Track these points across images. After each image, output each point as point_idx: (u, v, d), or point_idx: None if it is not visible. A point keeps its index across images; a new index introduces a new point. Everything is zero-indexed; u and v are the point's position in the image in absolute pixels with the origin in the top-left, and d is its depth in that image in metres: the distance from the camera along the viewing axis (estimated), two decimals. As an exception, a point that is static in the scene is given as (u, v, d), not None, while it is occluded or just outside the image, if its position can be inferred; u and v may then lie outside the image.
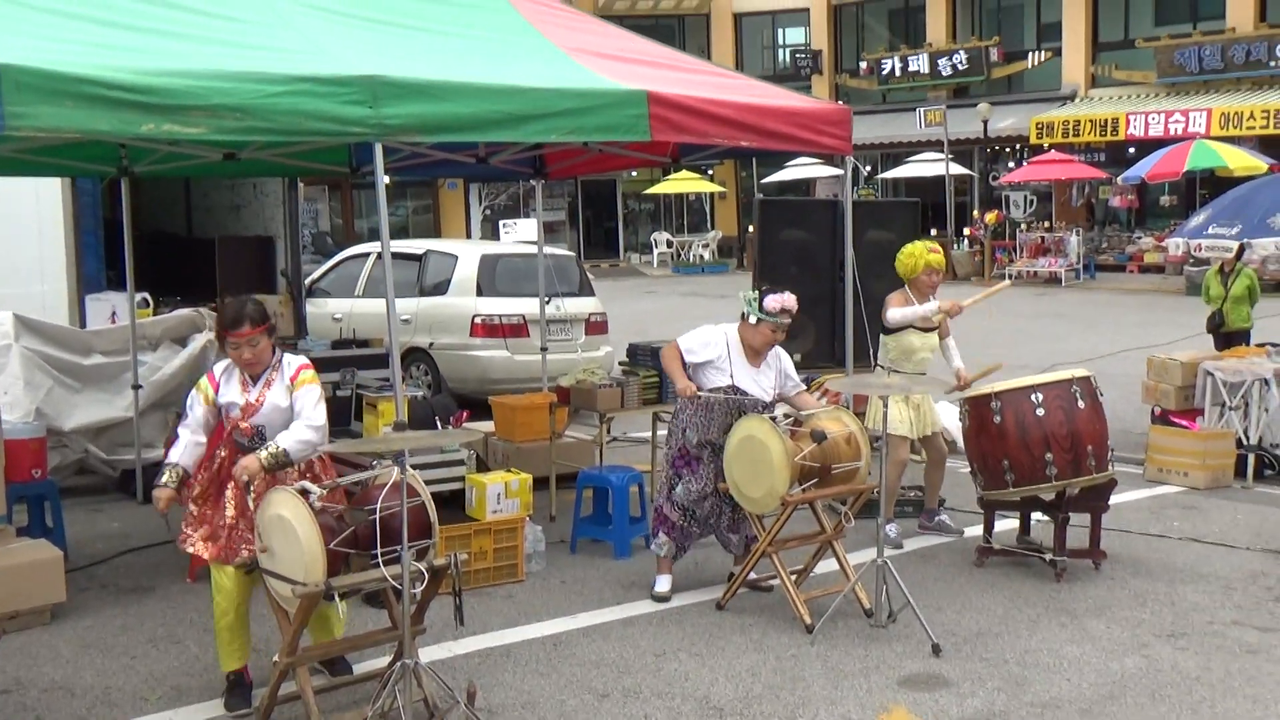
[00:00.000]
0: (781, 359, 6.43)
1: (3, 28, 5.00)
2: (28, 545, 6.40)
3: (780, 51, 38.92)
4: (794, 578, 6.16)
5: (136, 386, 8.72)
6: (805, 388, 6.57)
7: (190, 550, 5.11)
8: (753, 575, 6.40)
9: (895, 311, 7.23)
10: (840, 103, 9.71)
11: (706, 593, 6.49)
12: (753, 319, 6.21)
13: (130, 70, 4.91)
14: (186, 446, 5.11)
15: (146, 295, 10.08)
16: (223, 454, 5.11)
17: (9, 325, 8.77)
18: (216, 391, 5.09)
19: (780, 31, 38.85)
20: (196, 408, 5.12)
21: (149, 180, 9.75)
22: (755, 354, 6.30)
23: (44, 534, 7.08)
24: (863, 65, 35.03)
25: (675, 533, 6.41)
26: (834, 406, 6.55)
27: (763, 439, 5.94)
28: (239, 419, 5.04)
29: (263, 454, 4.87)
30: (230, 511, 5.03)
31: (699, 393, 6.17)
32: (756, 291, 6.25)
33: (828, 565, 6.45)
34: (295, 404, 5.01)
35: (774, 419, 6.07)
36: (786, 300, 6.18)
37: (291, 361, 5.15)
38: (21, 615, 5.96)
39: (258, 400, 5.04)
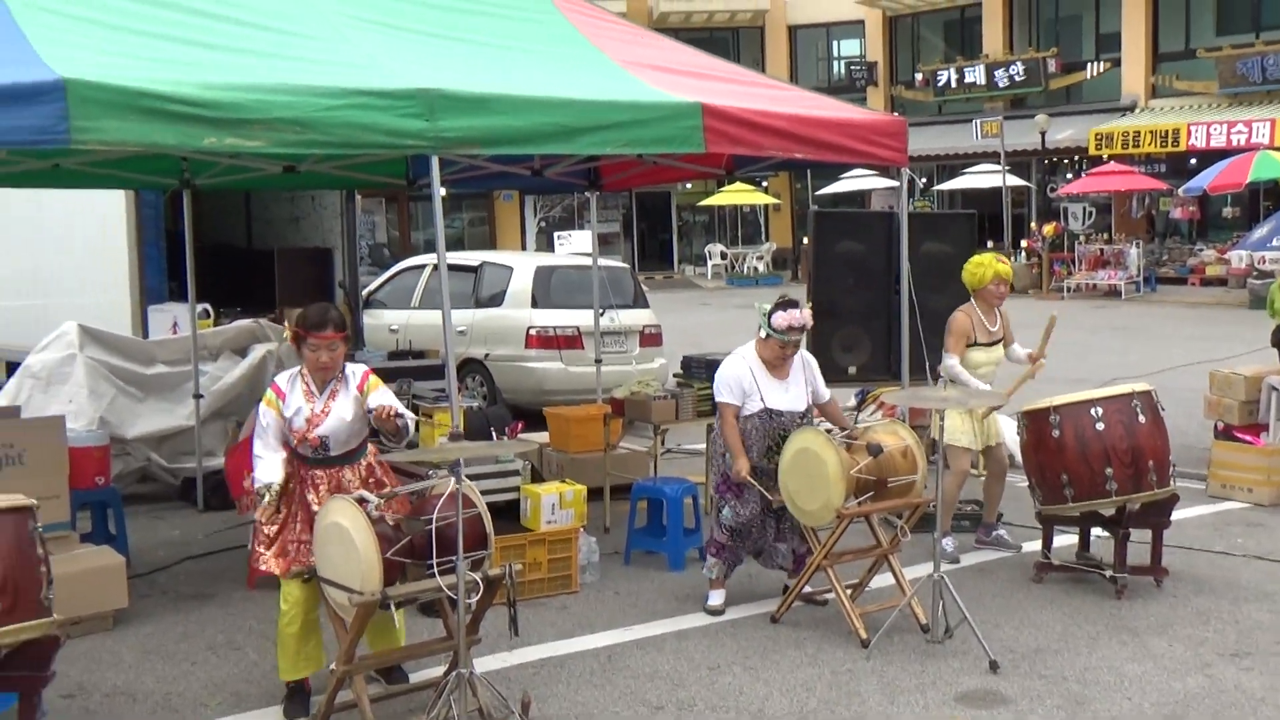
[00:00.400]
0: (809, 366, 6.39)
1: (69, 43, 5.10)
2: (91, 552, 6.50)
3: (835, 63, 38.86)
4: (849, 592, 6.12)
5: (197, 396, 8.85)
6: (830, 398, 6.50)
7: (264, 568, 5.14)
8: (808, 589, 6.37)
9: (952, 363, 7.18)
10: (895, 114, 9.67)
11: (760, 606, 6.47)
12: (763, 334, 6.20)
13: (192, 84, 4.99)
14: (276, 464, 5.11)
15: (207, 306, 10.22)
16: (288, 469, 5.17)
17: (74, 335, 8.94)
18: (283, 401, 5.14)
19: (835, 43, 38.81)
20: (271, 422, 5.13)
21: (210, 193, 9.89)
22: (777, 368, 6.27)
23: (107, 540, 7.20)
24: (918, 77, 34.87)
25: (726, 553, 6.40)
26: (890, 419, 6.51)
27: (818, 452, 5.92)
28: (304, 430, 5.09)
29: (401, 420, 4.98)
30: (298, 526, 5.08)
31: (745, 477, 6.11)
32: (769, 305, 6.22)
33: (883, 580, 6.41)
34: (371, 402, 5.05)
35: (829, 431, 6.05)
36: (795, 318, 6.10)
37: (355, 371, 5.20)
38: (85, 621, 6.04)
39: (323, 410, 5.09)
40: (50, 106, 4.61)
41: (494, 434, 7.28)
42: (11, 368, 10.15)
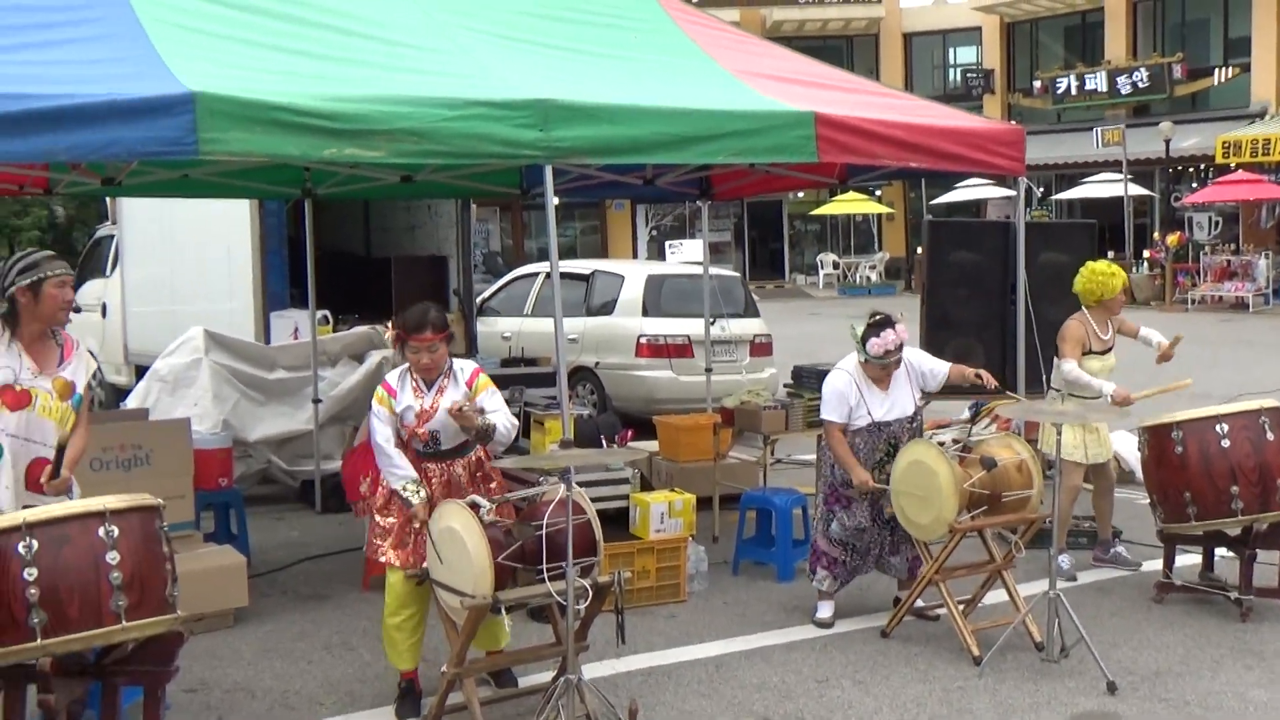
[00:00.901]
0: (909, 363, 6.27)
1: (197, 57, 5.26)
2: (214, 551, 6.69)
3: (951, 71, 38.33)
4: (961, 607, 6.02)
5: (316, 400, 9.04)
6: (946, 368, 6.32)
7: (382, 560, 5.20)
8: (919, 603, 6.28)
9: (1070, 366, 7.03)
10: (1013, 122, 9.49)
11: (870, 619, 6.40)
12: (861, 358, 6.13)
13: (315, 96, 5.11)
14: (403, 458, 5.16)
15: (327, 312, 10.43)
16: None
17: (200, 340, 9.21)
18: (395, 398, 5.22)
19: (951, 51, 38.28)
20: (385, 418, 5.18)
21: (331, 202, 10.11)
22: (881, 381, 6.20)
23: (229, 540, 7.39)
24: (1037, 84, 34.20)
25: (837, 567, 6.34)
26: (1005, 433, 6.39)
27: (931, 464, 5.83)
28: (414, 426, 5.17)
29: (479, 418, 4.98)
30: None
31: (876, 485, 6.06)
32: (862, 328, 6.13)
33: (997, 596, 6.29)
34: (487, 404, 5.12)
35: (942, 444, 5.96)
36: (890, 341, 6.01)
37: (464, 367, 5.27)
38: (207, 618, 6.21)
39: (431, 406, 5.16)
40: (180, 119, 4.75)
41: (604, 442, 7.31)
42: (141, 371, 10.50)
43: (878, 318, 6.16)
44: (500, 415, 5.13)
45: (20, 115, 4.58)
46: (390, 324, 9.56)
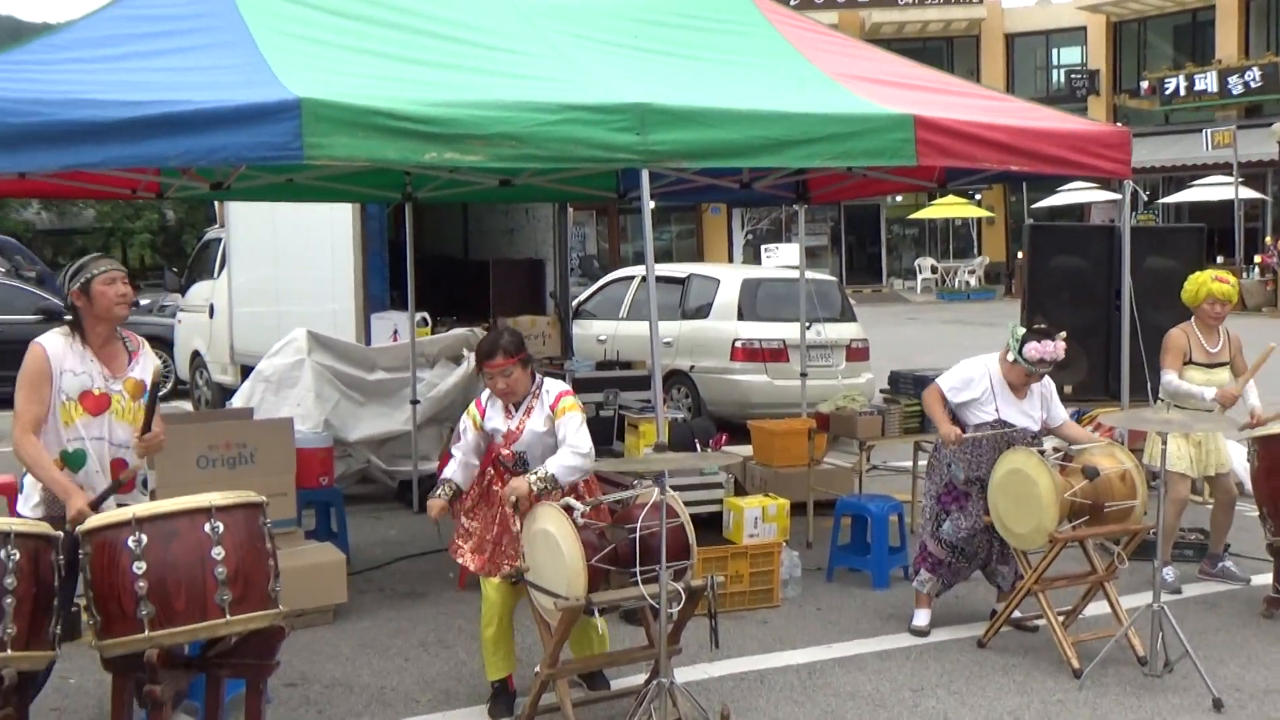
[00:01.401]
0: (1045, 386, 6.20)
1: (303, 64, 5.38)
2: (315, 548, 6.82)
3: (1054, 72, 37.66)
4: (1061, 619, 5.90)
5: (414, 402, 9.16)
6: (1067, 419, 6.30)
7: (460, 560, 5.32)
8: (1017, 614, 6.17)
9: (1170, 378, 6.85)
10: (1118, 124, 9.30)
11: (967, 629, 6.31)
12: (1010, 357, 6.04)
13: (415, 102, 5.19)
14: (460, 466, 5.34)
15: (426, 315, 10.57)
16: (490, 473, 5.33)
17: (303, 341, 9.38)
18: (483, 417, 5.29)
19: (1054, 51, 37.62)
20: (468, 433, 5.33)
21: (430, 205, 10.24)
22: (1017, 389, 6.11)
23: (329, 538, 7.52)
24: (1144, 85, 33.45)
25: (942, 569, 6.26)
26: (1108, 442, 6.26)
27: (1030, 473, 5.73)
28: (501, 445, 5.23)
29: (532, 478, 5.00)
30: (496, 529, 5.23)
31: (964, 435, 6.01)
32: (1023, 330, 6.04)
33: (1098, 608, 6.16)
34: (559, 431, 5.14)
35: (1043, 452, 5.86)
36: (1048, 352, 5.91)
37: (551, 389, 5.27)
38: (308, 614, 6.32)
39: (518, 428, 5.21)
40: (286, 124, 4.86)
41: (698, 446, 7.31)
42: (246, 371, 10.74)
43: (1043, 326, 6.09)
44: (564, 452, 5.06)
45: (135, 122, 4.73)
46: (486, 327, 9.67)
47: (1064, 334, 6.02)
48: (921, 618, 6.31)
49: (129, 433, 4.64)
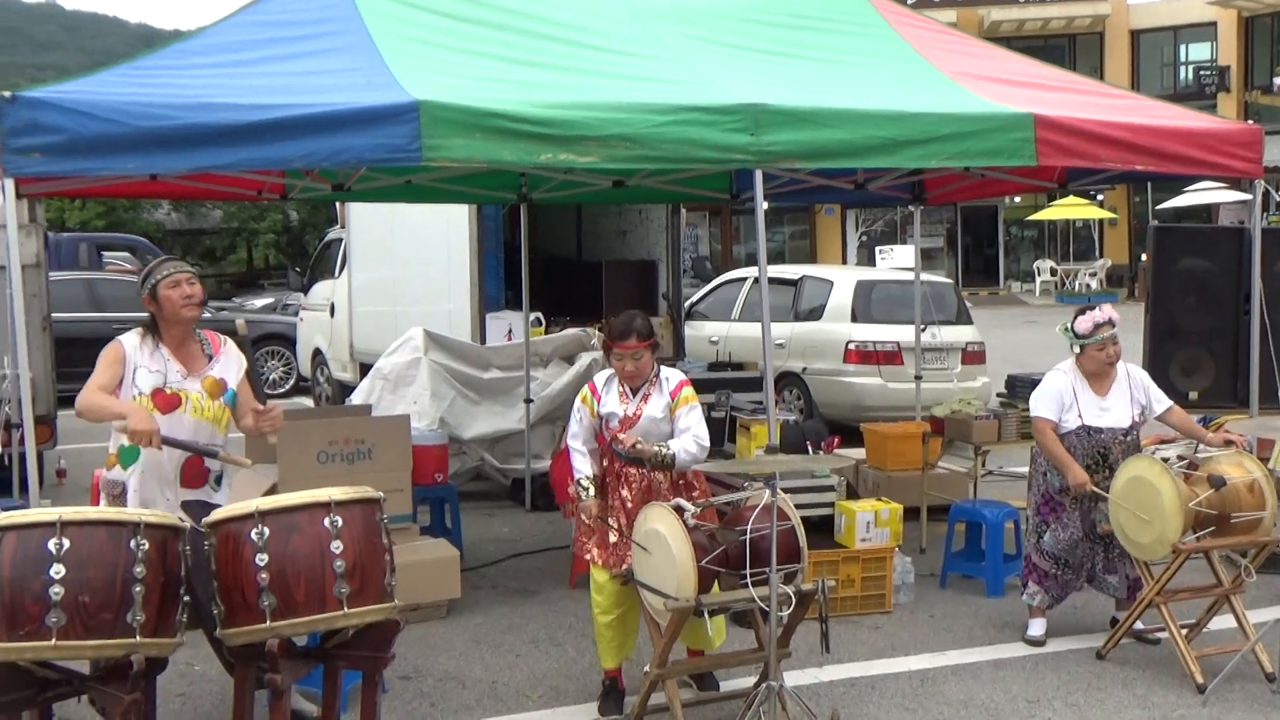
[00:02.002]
0: (1132, 377, 6.06)
1: (422, 67, 5.48)
2: (430, 544, 6.93)
3: (1182, 69, 36.60)
4: (1185, 632, 5.74)
5: (528, 400, 9.26)
6: (1171, 405, 6.13)
7: (587, 557, 5.30)
8: (1139, 625, 6.01)
9: None
10: (1250, 122, 9.00)
11: (1085, 639, 6.16)
12: (1077, 349, 5.94)
13: (531, 104, 5.25)
14: (588, 456, 5.31)
15: (540, 315, 10.68)
16: (605, 463, 5.34)
17: (420, 340, 9.55)
18: (599, 402, 5.31)
19: (1182, 48, 36.56)
20: (584, 419, 5.32)
21: (545, 207, 10.34)
22: (1099, 381, 5.97)
23: (443, 534, 7.63)
24: (1276, 81, 32.30)
25: (1049, 582, 6.13)
26: (1235, 450, 6.06)
27: (1153, 482, 5.58)
28: (617, 430, 5.24)
29: (657, 446, 5.04)
30: (617, 522, 5.23)
31: (1090, 488, 5.86)
32: (1069, 321, 5.98)
33: (1223, 622, 5.96)
34: (679, 420, 5.15)
35: (1166, 460, 5.70)
36: (1097, 315, 5.86)
37: (670, 377, 5.29)
38: (422, 608, 6.44)
39: (635, 413, 5.22)
40: (405, 127, 4.96)
41: (809, 448, 7.26)
42: (365, 368, 10.95)
43: (1081, 308, 6.04)
44: (688, 438, 5.10)
45: (261, 125, 4.86)
46: (599, 327, 9.73)
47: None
48: (1037, 627, 6.19)
49: (210, 431, 4.74)
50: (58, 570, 3.65)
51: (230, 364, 4.89)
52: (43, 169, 4.80)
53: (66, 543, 3.69)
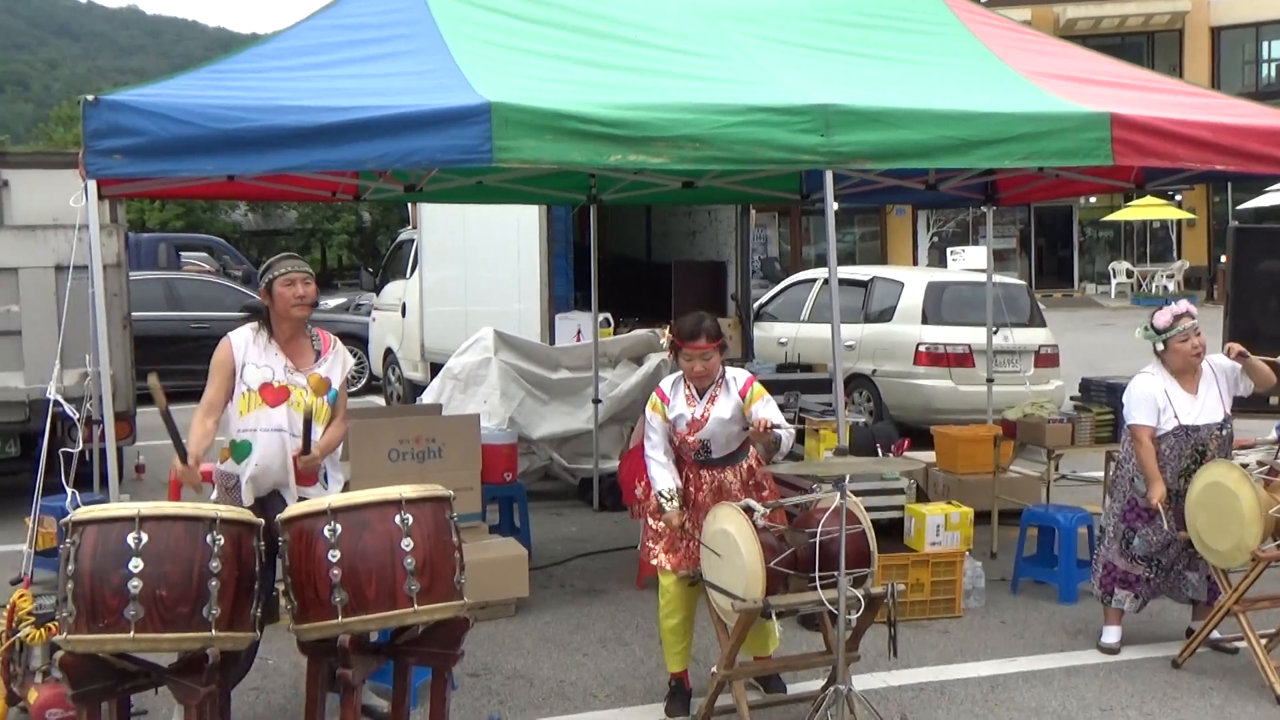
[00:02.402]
0: (1213, 366, 5.96)
1: (494, 68, 5.52)
2: (499, 542, 6.98)
3: (1265, 66, 35.81)
4: (1264, 642, 5.61)
5: (597, 401, 9.29)
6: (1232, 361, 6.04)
7: (654, 563, 5.27)
8: (1216, 634, 5.90)
9: None
10: (1336, 120, 8.77)
11: (1160, 648, 6.06)
12: (1159, 347, 5.86)
13: (601, 105, 5.26)
14: (667, 469, 5.23)
15: (609, 315, 10.70)
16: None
17: (490, 340, 9.62)
18: (667, 405, 5.29)
19: (1265, 44, 35.77)
20: (658, 426, 5.28)
21: (614, 208, 10.37)
22: (1187, 378, 5.88)
23: (512, 533, 7.68)
24: (1364, 78, 31.53)
25: (1139, 585, 6.03)
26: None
27: (1231, 487, 5.47)
28: (686, 433, 5.23)
29: (774, 434, 4.98)
30: (688, 525, 5.22)
31: (1159, 505, 5.77)
32: (1146, 322, 5.93)
33: (1305, 630, 5.84)
34: (756, 414, 5.07)
35: (1245, 466, 5.58)
36: (1175, 308, 5.82)
37: (737, 377, 5.27)
38: (490, 606, 6.49)
39: (703, 415, 5.21)
40: (477, 128, 4.99)
41: (879, 451, 7.20)
42: (436, 368, 11.06)
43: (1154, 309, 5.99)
44: (782, 427, 5.11)
45: (335, 126, 4.92)
46: (668, 328, 9.73)
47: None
48: (1111, 634, 6.09)
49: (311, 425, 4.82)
50: (136, 564, 3.74)
51: (336, 364, 5.02)
52: (124, 170, 4.89)
53: (145, 537, 3.77)
